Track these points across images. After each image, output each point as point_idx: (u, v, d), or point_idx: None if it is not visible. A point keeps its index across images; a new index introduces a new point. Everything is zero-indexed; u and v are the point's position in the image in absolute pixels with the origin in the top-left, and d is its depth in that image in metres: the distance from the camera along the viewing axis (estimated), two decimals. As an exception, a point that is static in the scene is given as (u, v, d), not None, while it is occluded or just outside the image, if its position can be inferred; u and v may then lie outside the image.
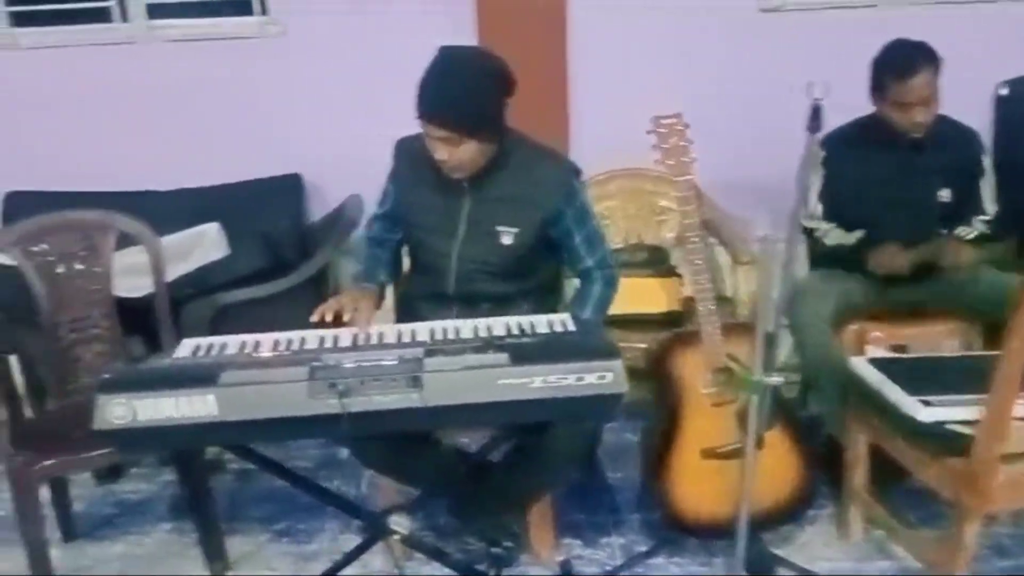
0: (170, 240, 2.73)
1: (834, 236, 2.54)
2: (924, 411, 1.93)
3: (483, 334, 1.83)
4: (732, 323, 2.23)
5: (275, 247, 2.79)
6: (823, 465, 2.51)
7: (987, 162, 2.53)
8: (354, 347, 1.79)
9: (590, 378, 1.60)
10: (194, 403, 1.55)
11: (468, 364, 1.60)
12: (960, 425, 1.91)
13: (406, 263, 2.27)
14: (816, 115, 1.68)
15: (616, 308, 2.76)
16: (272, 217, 2.95)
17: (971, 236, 2.48)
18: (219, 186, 3.06)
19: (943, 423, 1.92)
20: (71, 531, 2.43)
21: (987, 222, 2.52)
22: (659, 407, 2.25)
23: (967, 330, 2.54)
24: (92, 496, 2.63)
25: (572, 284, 2.28)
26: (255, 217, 2.93)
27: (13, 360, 2.48)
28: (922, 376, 2.08)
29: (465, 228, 2.05)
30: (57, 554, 2.24)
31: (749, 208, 3.17)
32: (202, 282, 2.62)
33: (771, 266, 1.66)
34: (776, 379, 1.77)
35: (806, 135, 1.73)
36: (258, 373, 1.59)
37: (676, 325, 2.72)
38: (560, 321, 1.89)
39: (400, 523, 1.93)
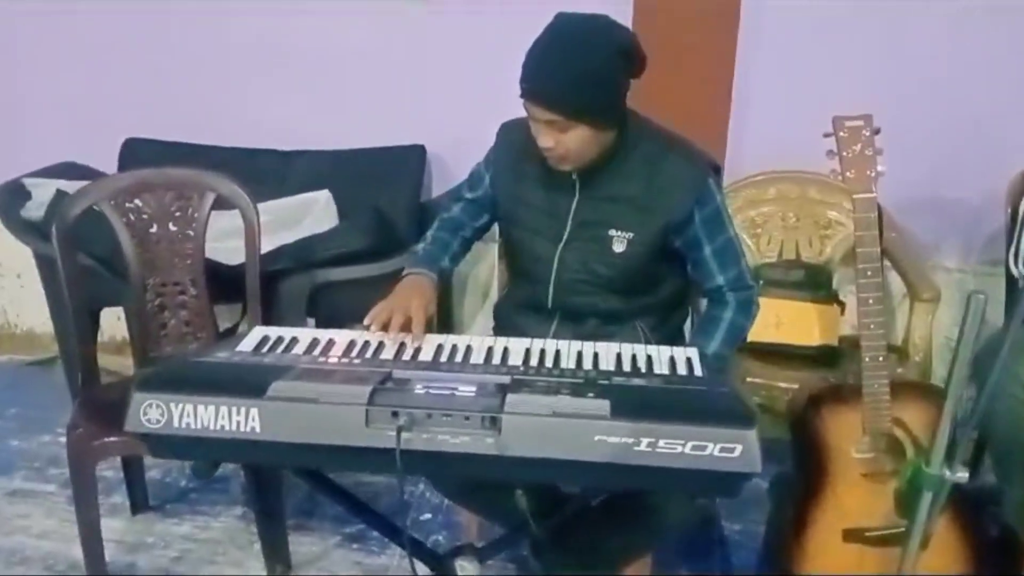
0: (276, 205, 2.56)
1: None
2: None
3: (587, 365, 1.52)
4: (904, 381, 1.81)
5: (388, 223, 2.56)
6: (996, 559, 2.05)
7: None
8: (434, 364, 1.52)
9: (713, 449, 1.25)
10: (235, 415, 1.32)
11: (559, 409, 1.29)
12: None
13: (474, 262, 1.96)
14: None
15: (758, 335, 2.37)
16: (389, 190, 2.72)
17: None
18: (339, 151, 2.86)
19: None
20: (141, 502, 2.32)
21: None
22: (798, 470, 1.87)
23: None
24: (171, 464, 2.51)
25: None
26: (371, 188, 2.71)
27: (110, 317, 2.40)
28: None
29: (570, 230, 1.73)
30: (120, 526, 2.14)
31: (933, 233, 2.68)
32: (305, 255, 2.42)
33: (976, 321, 1.25)
34: (961, 475, 1.36)
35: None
36: (313, 388, 1.34)
37: (830, 365, 2.32)
38: (686, 359, 1.55)
39: (467, 568, 1.65)
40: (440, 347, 1.59)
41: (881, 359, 1.73)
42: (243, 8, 2.88)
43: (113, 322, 3.02)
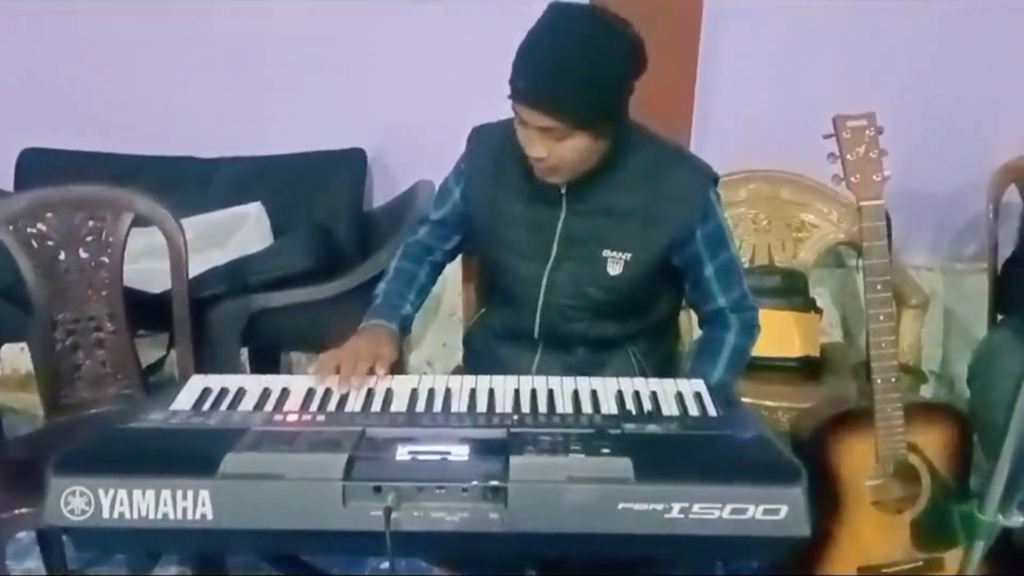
0: (200, 221, 2.28)
1: None
2: None
3: (588, 408, 1.32)
4: (918, 402, 1.68)
5: (329, 239, 2.31)
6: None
7: None
8: (411, 416, 1.30)
9: (755, 512, 1.09)
10: (181, 499, 1.08)
11: (575, 473, 1.10)
12: None
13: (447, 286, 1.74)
14: None
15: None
16: (327, 199, 2.46)
17: None
18: (268, 157, 2.57)
19: None
20: (58, 565, 2.01)
21: None
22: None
23: None
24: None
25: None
26: (307, 198, 2.45)
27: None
28: None
29: (558, 249, 1.53)
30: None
31: (898, 231, 2.58)
32: (239, 278, 2.15)
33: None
34: (1019, 519, 1.22)
35: None
36: (276, 459, 1.11)
37: (813, 376, 2.19)
38: (695, 395, 1.37)
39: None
40: (414, 393, 1.37)
41: (894, 380, 1.59)
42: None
43: (16, 353, 2.67)
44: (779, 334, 2.22)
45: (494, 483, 1.08)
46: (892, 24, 2.41)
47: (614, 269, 1.50)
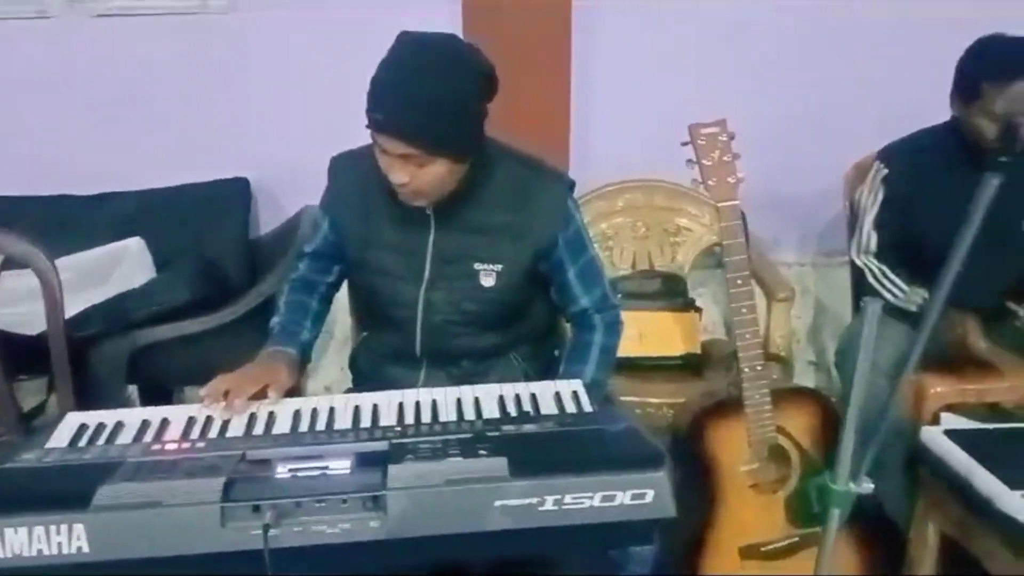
0: (77, 260, 2.24)
1: (891, 288, 2.08)
2: (1034, 513, 1.50)
3: (470, 415, 1.37)
4: (783, 388, 1.79)
5: (213, 269, 2.30)
6: (879, 551, 2.09)
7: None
8: (294, 436, 1.32)
9: (623, 497, 1.15)
10: (55, 535, 1.08)
11: (452, 476, 1.14)
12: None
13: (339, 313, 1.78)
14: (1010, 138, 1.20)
15: (623, 350, 2.29)
16: (212, 231, 2.44)
17: None
18: (149, 191, 2.54)
19: (1058, 529, 1.49)
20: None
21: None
22: (687, 489, 1.80)
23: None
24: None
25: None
26: (190, 230, 2.43)
27: None
28: (1020, 457, 1.66)
29: (432, 269, 1.57)
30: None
31: (771, 230, 2.74)
32: (119, 314, 2.10)
33: (872, 329, 1.22)
34: (867, 486, 1.32)
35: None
36: (150, 488, 1.11)
37: (696, 373, 2.29)
38: (572, 393, 1.44)
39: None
40: (298, 413, 1.39)
41: (760, 368, 1.70)
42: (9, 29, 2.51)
43: None
44: (661, 334, 2.33)
45: (373, 493, 1.11)
46: (755, 37, 2.56)
47: (487, 281, 1.55)
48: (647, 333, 2.34)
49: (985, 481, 1.59)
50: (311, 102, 2.53)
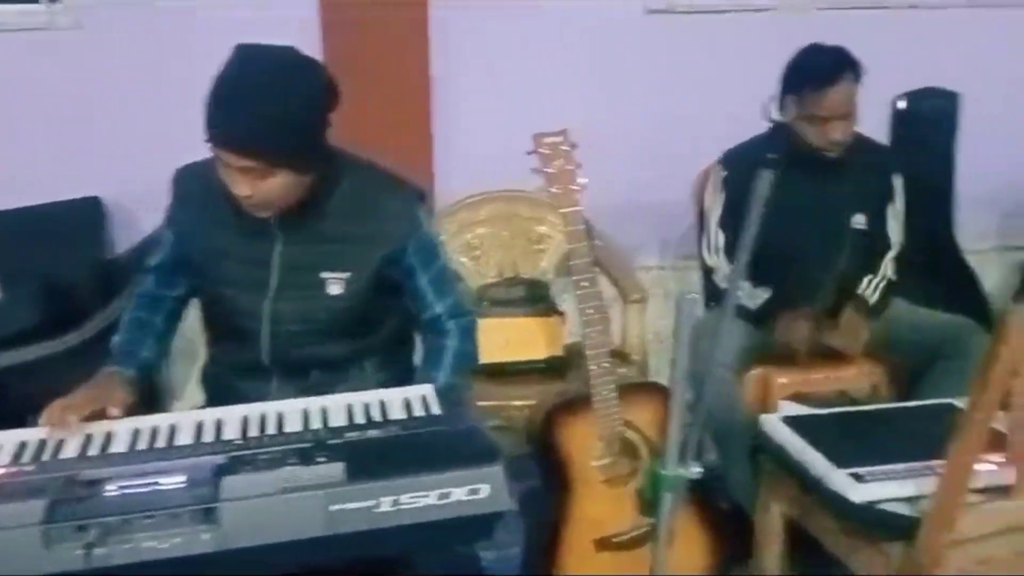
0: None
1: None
2: (856, 489, 1.61)
3: (315, 424, 1.37)
4: (627, 383, 1.86)
5: (62, 291, 2.22)
6: (729, 534, 2.19)
7: (898, 184, 2.28)
8: (131, 455, 1.30)
9: (459, 494, 1.18)
10: None
11: (287, 484, 1.14)
12: (899, 503, 1.60)
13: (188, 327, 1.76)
14: (776, 139, 1.30)
15: (488, 356, 2.35)
16: (62, 252, 2.37)
17: (876, 294, 2.21)
18: (-6, 213, 2.44)
19: (878, 503, 1.61)
20: None
21: (895, 259, 2.26)
22: (543, 486, 1.86)
23: (878, 373, 2.29)
24: None
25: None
26: (38, 252, 2.35)
27: None
28: (848, 438, 1.79)
29: (278, 279, 1.57)
30: None
31: (635, 235, 2.85)
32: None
33: (688, 319, 1.29)
34: (696, 470, 1.40)
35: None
36: (-33, 514, 1.08)
37: (559, 375, 2.35)
38: (421, 398, 1.46)
39: None
40: (137, 432, 1.37)
41: (607, 365, 1.77)
42: None
43: None
44: (525, 339, 2.38)
45: (204, 505, 1.11)
46: (615, 47, 2.68)
47: (334, 290, 1.56)
48: (512, 339, 2.39)
49: (816, 462, 1.70)
50: (164, 118, 2.47)
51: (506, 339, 2.38)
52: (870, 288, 2.21)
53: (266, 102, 1.39)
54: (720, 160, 2.29)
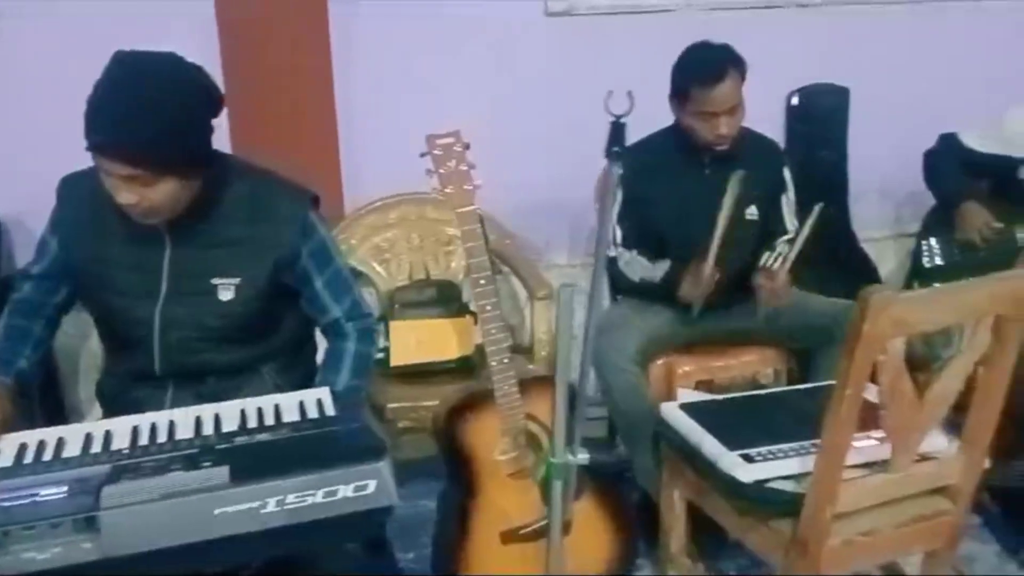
0: None
1: (637, 268, 2.27)
2: (746, 469, 1.67)
3: (208, 431, 1.38)
4: (532, 377, 1.91)
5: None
6: (640, 522, 2.26)
7: (788, 176, 2.37)
8: (15, 469, 1.29)
9: (345, 491, 1.21)
10: None
11: (169, 490, 1.15)
12: (786, 481, 1.68)
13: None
14: (617, 135, 1.36)
15: (401, 358, 2.40)
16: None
17: (779, 262, 2.28)
18: None
19: (767, 481, 1.68)
20: None
21: (790, 241, 2.35)
22: (451, 482, 1.89)
23: (778, 358, 2.38)
24: None
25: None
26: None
27: None
28: (740, 422, 1.85)
29: (168, 285, 1.57)
30: None
31: (545, 234, 2.90)
32: None
33: (568, 310, 1.33)
34: (583, 457, 1.44)
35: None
36: None
37: (471, 374, 2.39)
38: (316, 401, 1.48)
39: None
40: (23, 447, 1.36)
41: (507, 361, 1.80)
42: None
43: None
44: (437, 340, 2.41)
45: (84, 515, 1.11)
46: (520, 49, 2.71)
47: (226, 295, 1.57)
48: (424, 340, 2.42)
49: (710, 445, 1.76)
50: (62, 132, 2.43)
51: (418, 340, 2.41)
52: (771, 260, 2.28)
53: (148, 108, 1.39)
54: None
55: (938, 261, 2.61)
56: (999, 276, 1.50)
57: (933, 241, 2.64)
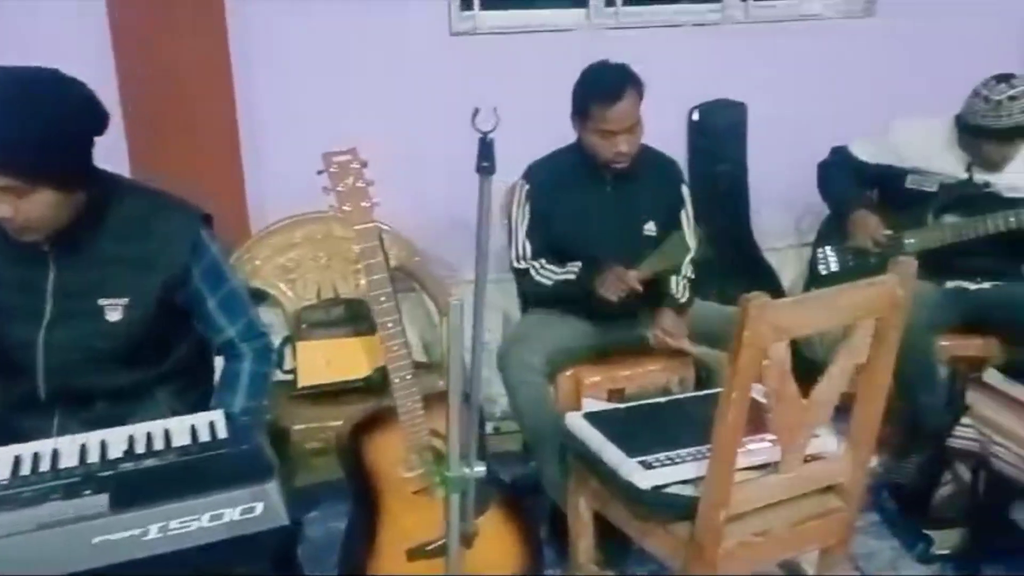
0: None
1: (550, 273, 2.30)
2: (644, 475, 1.71)
3: (93, 457, 1.35)
4: (432, 392, 1.91)
5: None
6: (551, 531, 2.28)
7: (686, 192, 2.44)
8: None
9: (232, 514, 1.19)
10: None
11: (46, 520, 1.12)
12: (684, 486, 1.72)
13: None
14: (486, 151, 1.39)
15: (310, 378, 2.38)
16: None
17: (683, 292, 2.35)
18: None
19: (665, 487, 1.72)
20: None
21: (691, 261, 2.41)
22: (355, 502, 1.88)
23: (682, 366, 2.43)
24: None
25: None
26: None
27: None
28: (640, 430, 1.89)
29: (53, 306, 1.54)
30: None
31: (455, 250, 2.91)
32: None
33: (458, 324, 1.34)
34: (479, 469, 1.46)
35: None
36: None
37: (380, 392, 2.38)
38: (209, 423, 1.45)
39: None
40: None
41: (409, 377, 1.81)
42: None
43: None
44: (346, 359, 2.40)
45: (-47, 550, 1.07)
46: (421, 64, 2.72)
47: (113, 316, 1.54)
48: (333, 359, 2.40)
49: (611, 453, 1.79)
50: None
51: (326, 360, 2.40)
52: (678, 288, 2.35)
53: (18, 119, 1.38)
54: (523, 174, 2.38)
55: (833, 268, 2.71)
56: (872, 281, 1.58)
57: (828, 249, 2.74)
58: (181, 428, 1.44)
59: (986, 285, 2.53)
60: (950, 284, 2.54)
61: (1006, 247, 2.51)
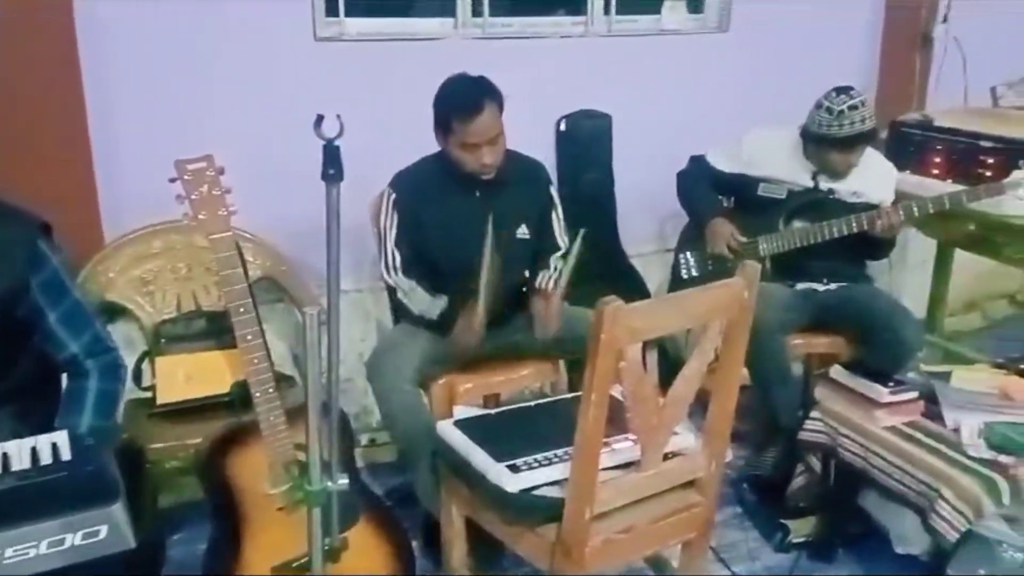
0: None
1: (415, 301, 2.30)
2: (511, 479, 1.73)
3: (-81, 486, 1.25)
4: (299, 405, 1.87)
5: None
6: (425, 542, 2.27)
7: (555, 194, 2.49)
8: None
9: (73, 539, 1.14)
10: None
11: None
12: (551, 487, 1.75)
13: None
14: (333, 159, 1.37)
15: (169, 395, 2.29)
16: None
17: (555, 279, 2.39)
18: None
19: (532, 489, 1.74)
20: None
21: (564, 256, 2.46)
22: (216, 520, 1.81)
23: (553, 370, 2.48)
24: None
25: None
26: None
27: None
28: (509, 434, 1.91)
29: None
30: None
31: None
32: None
33: (315, 334, 1.32)
34: (343, 482, 1.44)
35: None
36: None
37: (245, 406, 2.31)
38: (51, 445, 1.37)
39: None
40: None
41: (272, 391, 1.76)
42: None
43: None
44: (208, 374, 2.32)
45: None
46: (286, 74, 2.67)
47: None
48: (194, 374, 2.32)
49: (480, 458, 1.81)
50: None
51: (186, 375, 2.31)
52: (546, 281, 2.39)
53: None
54: (390, 182, 2.37)
55: (694, 273, 2.83)
56: (719, 284, 1.66)
57: (688, 255, 2.85)
58: (20, 451, 1.36)
59: (832, 286, 2.69)
60: (800, 286, 2.69)
61: (849, 250, 2.68)
